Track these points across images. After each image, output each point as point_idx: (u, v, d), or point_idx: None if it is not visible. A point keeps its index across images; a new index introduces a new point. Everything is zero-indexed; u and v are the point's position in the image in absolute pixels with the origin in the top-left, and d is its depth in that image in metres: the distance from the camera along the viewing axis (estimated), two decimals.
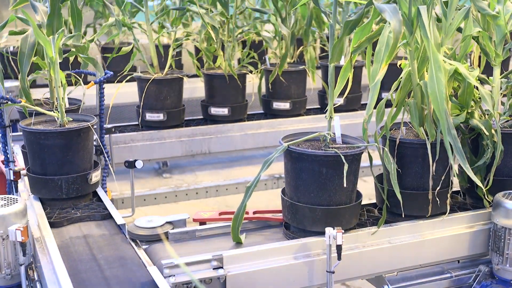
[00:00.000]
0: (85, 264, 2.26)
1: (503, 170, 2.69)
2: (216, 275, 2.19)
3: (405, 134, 2.58)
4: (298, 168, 2.37)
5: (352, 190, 2.41)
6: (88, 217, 2.66)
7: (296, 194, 2.40)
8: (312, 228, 2.38)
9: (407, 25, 2.35)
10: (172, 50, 4.10)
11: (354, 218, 2.44)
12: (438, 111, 2.24)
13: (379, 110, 2.46)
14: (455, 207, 2.71)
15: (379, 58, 2.24)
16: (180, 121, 4.06)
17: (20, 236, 2.16)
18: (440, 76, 2.23)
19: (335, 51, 2.38)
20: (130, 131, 3.96)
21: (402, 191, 2.43)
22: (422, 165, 2.46)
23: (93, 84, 3.20)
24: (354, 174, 2.39)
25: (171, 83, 3.95)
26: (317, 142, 2.52)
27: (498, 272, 2.54)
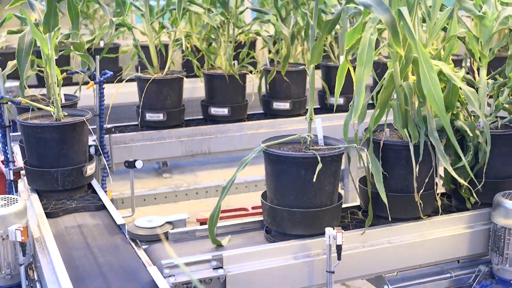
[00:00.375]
0: (79, 251, 2.34)
1: (489, 172, 2.62)
2: (216, 275, 2.19)
3: (389, 136, 2.55)
4: (277, 171, 2.33)
5: (333, 192, 2.37)
6: (83, 208, 2.74)
7: (276, 197, 2.36)
8: (291, 231, 2.35)
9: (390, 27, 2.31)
10: (172, 50, 4.10)
11: (335, 221, 2.40)
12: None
13: (362, 111, 2.40)
14: (440, 209, 2.64)
15: (362, 60, 2.20)
16: (180, 121, 4.06)
17: (20, 236, 2.16)
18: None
19: (315, 52, 2.34)
20: (130, 131, 3.96)
21: (387, 193, 2.38)
22: (405, 167, 2.43)
23: (93, 84, 3.20)
24: (334, 175, 2.35)
25: (171, 83, 3.95)
26: (298, 144, 2.49)
27: (498, 272, 2.54)
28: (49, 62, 2.83)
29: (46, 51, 2.79)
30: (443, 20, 2.49)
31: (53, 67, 2.84)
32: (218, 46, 4.17)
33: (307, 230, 2.35)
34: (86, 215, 2.69)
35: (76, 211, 2.72)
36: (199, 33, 4.25)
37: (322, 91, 4.51)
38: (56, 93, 2.84)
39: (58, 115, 2.84)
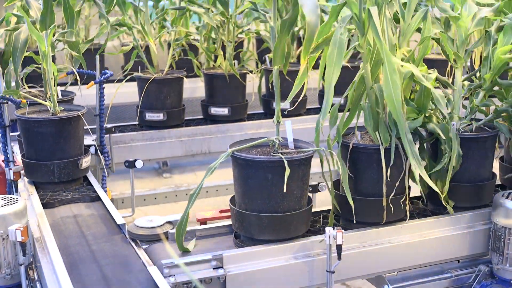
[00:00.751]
0: (74, 239, 2.44)
1: (464, 175, 2.59)
2: (216, 275, 2.19)
3: (362, 139, 2.50)
4: (244, 175, 2.28)
5: (301, 196, 2.31)
6: (78, 199, 2.84)
7: (244, 201, 2.31)
8: (259, 236, 2.30)
9: (359, 26, 2.28)
10: (172, 49, 4.10)
11: (303, 225, 2.35)
12: (396, 115, 2.18)
13: (333, 114, 2.38)
14: (415, 214, 2.62)
15: (331, 60, 2.16)
16: (180, 121, 4.06)
17: (20, 236, 2.16)
18: (395, 79, 2.17)
19: (277, 53, 2.27)
20: (130, 131, 3.96)
21: (357, 197, 2.37)
22: (377, 170, 2.36)
23: (93, 84, 3.21)
24: (303, 179, 2.29)
25: (171, 83, 3.95)
26: (268, 148, 2.43)
27: (498, 272, 2.54)
28: (46, 59, 2.91)
29: (43, 48, 2.86)
30: (417, 21, 2.44)
31: (50, 63, 2.92)
32: (218, 46, 4.16)
33: (275, 235, 2.30)
34: (81, 205, 2.79)
35: (71, 202, 2.82)
36: (199, 32, 4.26)
37: (322, 90, 4.51)
38: (52, 89, 2.92)
39: (54, 109, 2.93)
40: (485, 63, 2.67)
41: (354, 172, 2.41)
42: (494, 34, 2.68)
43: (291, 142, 2.42)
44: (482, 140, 2.59)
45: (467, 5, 2.65)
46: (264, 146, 2.45)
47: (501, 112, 2.64)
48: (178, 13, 4.19)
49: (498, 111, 2.65)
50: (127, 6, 4.75)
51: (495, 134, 2.64)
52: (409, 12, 2.43)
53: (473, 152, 2.58)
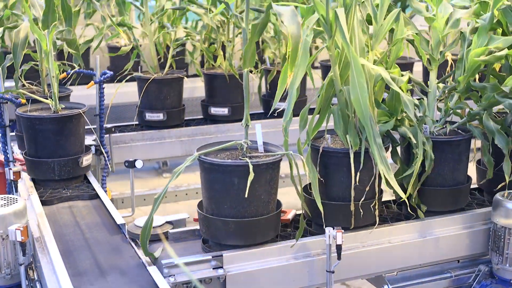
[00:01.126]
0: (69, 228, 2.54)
1: (436, 179, 2.54)
2: (216, 275, 2.19)
3: (333, 142, 2.46)
4: (211, 179, 2.23)
5: (269, 201, 2.26)
6: (77, 196, 2.87)
7: (210, 206, 2.26)
8: (226, 241, 2.25)
9: (326, 28, 2.23)
10: (172, 49, 4.10)
11: (272, 230, 2.30)
12: (363, 118, 2.15)
13: (302, 116, 2.34)
14: (388, 218, 2.58)
15: (296, 62, 2.10)
16: (180, 121, 4.06)
17: (20, 236, 2.16)
18: (362, 82, 2.12)
19: (247, 56, 2.22)
20: (130, 131, 3.96)
21: (327, 202, 2.33)
22: (347, 174, 2.31)
23: (93, 84, 3.21)
24: (271, 183, 2.24)
25: (171, 83, 3.95)
26: (236, 151, 2.39)
27: (498, 272, 2.54)
28: (47, 57, 2.92)
29: (44, 47, 2.87)
30: (390, 23, 2.40)
31: (51, 62, 2.93)
32: (218, 46, 4.16)
33: (241, 240, 2.25)
34: (79, 203, 2.83)
35: (70, 199, 2.85)
36: (199, 33, 4.25)
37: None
38: (54, 87, 2.94)
39: (56, 107, 2.95)
40: (460, 65, 2.62)
41: (324, 176, 2.36)
42: (469, 35, 2.63)
43: (261, 145, 2.37)
44: (455, 144, 2.53)
45: (442, 6, 2.60)
46: (234, 150, 2.40)
47: (475, 115, 2.57)
48: (178, 13, 4.19)
49: (472, 114, 2.58)
50: (127, 6, 4.76)
51: (469, 137, 2.58)
52: (382, 13, 2.38)
53: (446, 155, 2.52)
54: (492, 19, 2.55)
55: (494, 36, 2.56)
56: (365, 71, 2.24)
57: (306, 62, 2.09)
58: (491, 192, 2.72)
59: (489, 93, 2.51)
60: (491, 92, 2.51)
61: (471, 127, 2.57)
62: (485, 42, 2.53)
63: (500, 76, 2.72)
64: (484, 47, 2.52)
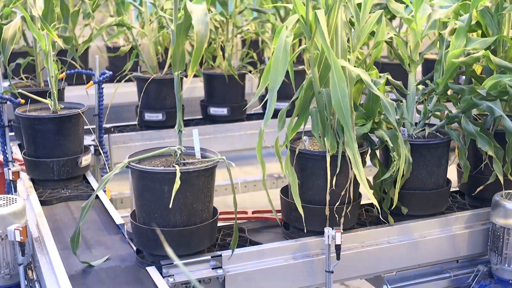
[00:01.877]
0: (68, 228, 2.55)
1: (414, 183, 2.50)
2: (215, 275, 2.19)
3: (311, 144, 2.42)
4: (141, 187, 2.14)
5: (203, 209, 2.18)
6: (76, 196, 2.87)
7: (142, 215, 2.18)
8: (158, 252, 2.17)
9: (305, 30, 2.20)
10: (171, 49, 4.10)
11: (207, 240, 2.22)
12: (344, 122, 2.11)
13: (280, 119, 2.28)
14: (367, 222, 2.55)
15: (276, 64, 2.07)
16: None
17: (19, 236, 2.16)
18: (343, 86, 2.09)
19: (176, 58, 2.14)
20: (129, 131, 3.96)
21: (304, 205, 2.28)
22: (324, 178, 2.26)
23: (92, 84, 3.21)
24: (204, 191, 2.17)
25: (171, 83, 3.95)
26: (171, 157, 2.32)
27: (496, 272, 2.54)
28: (46, 58, 2.93)
29: (43, 47, 2.88)
30: (371, 24, 2.37)
31: (50, 62, 2.94)
32: (217, 46, 4.16)
33: (174, 250, 2.14)
34: (78, 203, 2.82)
35: (69, 199, 2.85)
36: None
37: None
38: (53, 87, 2.94)
39: (55, 107, 2.96)
40: (438, 67, 2.58)
41: (301, 179, 2.32)
42: (448, 37, 2.60)
43: (198, 152, 2.29)
44: (433, 147, 2.49)
45: (421, 7, 2.56)
46: (169, 156, 2.32)
47: (453, 117, 2.53)
48: None
49: (450, 117, 2.54)
50: (127, 6, 4.76)
51: (447, 140, 2.53)
52: (364, 15, 2.35)
53: (425, 158, 2.48)
54: (470, 21, 2.51)
55: (472, 38, 2.53)
56: (346, 73, 2.22)
57: (286, 63, 2.07)
58: (472, 195, 2.70)
59: (467, 96, 2.47)
60: (469, 94, 2.47)
61: (449, 129, 2.52)
62: (463, 44, 2.49)
63: (480, 78, 2.69)
64: (462, 48, 2.48)
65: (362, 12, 2.36)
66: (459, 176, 2.79)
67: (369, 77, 2.24)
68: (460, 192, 2.88)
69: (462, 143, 2.51)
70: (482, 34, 2.72)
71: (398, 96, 2.70)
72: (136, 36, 4.51)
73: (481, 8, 2.63)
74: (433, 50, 2.68)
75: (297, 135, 2.47)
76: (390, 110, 2.30)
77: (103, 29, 3.88)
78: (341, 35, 2.25)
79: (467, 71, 2.68)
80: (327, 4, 2.21)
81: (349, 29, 2.41)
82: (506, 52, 2.66)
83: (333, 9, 2.20)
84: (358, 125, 2.41)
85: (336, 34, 2.24)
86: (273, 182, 4.39)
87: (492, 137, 2.50)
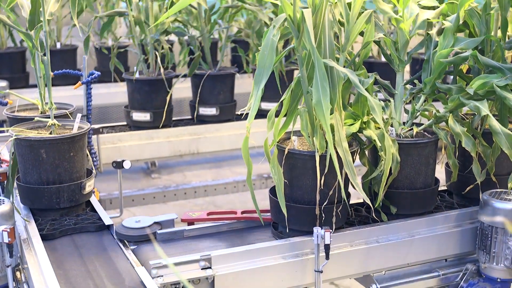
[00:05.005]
0: None
1: (403, 182, 2.50)
2: (204, 275, 2.19)
3: (301, 144, 2.42)
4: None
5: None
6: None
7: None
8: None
9: (293, 29, 2.19)
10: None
11: None
12: (324, 122, 2.10)
13: (269, 119, 2.27)
14: (355, 221, 2.54)
15: (263, 63, 2.08)
16: (168, 121, 4.05)
17: (6, 237, 2.15)
18: (325, 86, 2.08)
19: None
20: (118, 131, 3.94)
21: (293, 204, 2.31)
22: (313, 177, 2.27)
23: (80, 84, 3.20)
24: (67, 156, 2.27)
25: (160, 83, 3.95)
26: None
27: (485, 271, 2.56)
28: (33, 58, 2.94)
29: (30, 47, 2.88)
30: (361, 24, 2.37)
31: (38, 62, 2.92)
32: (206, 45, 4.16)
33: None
34: None
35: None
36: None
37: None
38: (40, 88, 2.94)
39: (43, 108, 2.97)
40: (426, 67, 2.59)
41: (290, 178, 2.33)
42: (435, 37, 2.61)
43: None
44: (421, 146, 2.48)
45: (409, 7, 2.57)
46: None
47: (441, 117, 2.53)
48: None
49: (438, 116, 2.54)
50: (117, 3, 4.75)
51: (435, 139, 2.52)
52: (353, 14, 2.35)
53: (413, 158, 2.48)
54: (458, 20, 2.52)
55: (460, 37, 2.54)
56: (334, 73, 2.22)
57: (272, 62, 2.07)
58: (460, 195, 2.71)
59: (454, 95, 2.48)
60: (457, 94, 2.47)
61: (437, 129, 2.52)
62: (451, 44, 2.50)
63: (468, 77, 2.70)
64: (450, 48, 2.49)
65: (351, 12, 2.36)
66: (447, 175, 2.80)
67: (357, 77, 2.24)
68: (448, 191, 2.89)
69: (450, 142, 2.52)
70: (470, 34, 2.72)
71: (386, 95, 2.71)
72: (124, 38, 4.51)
73: (468, 8, 2.62)
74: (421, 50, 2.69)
75: (286, 135, 2.47)
76: (376, 110, 2.30)
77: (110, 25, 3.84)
78: (328, 34, 2.25)
79: (455, 71, 2.69)
80: (314, 4, 2.21)
81: (338, 29, 2.41)
82: (494, 51, 2.67)
83: (320, 9, 2.20)
84: (347, 124, 2.42)
85: (324, 34, 2.24)
86: (263, 182, 4.40)
87: (480, 136, 2.51)
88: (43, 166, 2.54)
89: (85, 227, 2.53)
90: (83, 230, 2.52)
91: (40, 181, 2.56)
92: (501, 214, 2.46)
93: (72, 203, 2.60)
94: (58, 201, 2.57)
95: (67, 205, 2.59)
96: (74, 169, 2.60)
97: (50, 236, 2.45)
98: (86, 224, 2.55)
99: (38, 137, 2.56)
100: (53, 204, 2.57)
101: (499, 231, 2.48)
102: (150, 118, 3.93)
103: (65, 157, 2.56)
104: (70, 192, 2.58)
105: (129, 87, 3.97)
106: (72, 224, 2.54)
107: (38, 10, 2.82)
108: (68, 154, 2.56)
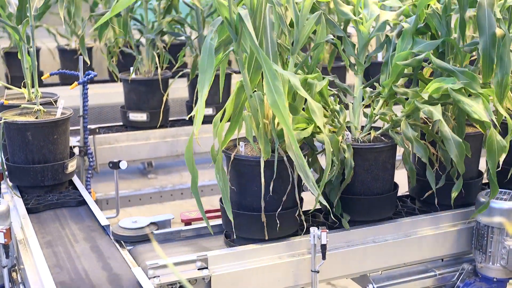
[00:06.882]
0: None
1: (359, 188, 2.43)
2: (201, 276, 2.19)
3: (250, 150, 2.34)
4: None
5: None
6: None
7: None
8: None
9: (231, 31, 2.11)
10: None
11: None
12: (283, 122, 2.02)
13: (215, 125, 2.24)
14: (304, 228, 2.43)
15: (203, 67, 2.02)
16: (165, 122, 4.05)
17: (2, 238, 2.14)
18: (277, 85, 2.00)
19: None
20: (114, 131, 3.94)
21: (242, 212, 2.27)
22: (260, 183, 2.19)
23: (76, 84, 3.20)
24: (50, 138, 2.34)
25: (156, 84, 3.95)
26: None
27: (481, 270, 2.56)
28: (20, 50, 3.03)
29: (17, 40, 3.01)
30: (311, 26, 2.31)
31: (25, 54, 3.03)
32: None
33: None
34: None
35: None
36: None
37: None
38: (27, 77, 3.05)
39: (29, 96, 3.10)
40: (384, 69, 2.53)
41: (238, 185, 2.29)
42: (395, 39, 2.56)
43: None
44: (378, 151, 2.42)
45: (369, 8, 2.53)
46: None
47: (397, 121, 2.47)
48: None
49: (394, 121, 2.48)
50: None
51: (392, 144, 2.45)
52: (303, 16, 2.28)
53: (369, 163, 2.41)
54: (417, 22, 2.47)
55: (419, 40, 2.48)
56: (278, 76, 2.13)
57: (212, 67, 2.02)
58: (422, 200, 2.65)
59: (410, 99, 2.42)
60: (412, 98, 2.41)
61: (393, 133, 2.46)
62: (409, 46, 2.45)
63: (429, 81, 2.57)
64: (408, 51, 2.44)
65: (300, 13, 2.28)
66: (409, 180, 2.71)
67: (298, 79, 2.12)
68: (411, 196, 2.81)
69: (406, 147, 2.45)
70: (432, 36, 2.63)
71: (344, 99, 2.62)
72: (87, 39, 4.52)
73: (429, 10, 2.54)
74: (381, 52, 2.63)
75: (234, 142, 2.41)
76: (317, 113, 2.18)
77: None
78: (270, 36, 2.18)
79: (414, 74, 2.62)
80: (252, 4, 2.12)
81: (288, 31, 2.34)
82: (456, 54, 2.59)
83: (259, 10, 2.12)
84: (299, 129, 2.32)
85: (265, 35, 2.17)
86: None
87: (439, 141, 2.46)
88: (29, 147, 2.79)
89: (66, 202, 2.78)
90: (64, 205, 2.77)
91: (27, 161, 2.81)
92: (497, 214, 2.47)
93: (56, 181, 2.85)
94: (42, 179, 2.81)
95: (51, 183, 2.84)
96: (58, 151, 2.85)
97: (34, 210, 2.70)
98: (67, 199, 2.79)
99: (25, 120, 2.83)
100: (38, 182, 2.81)
101: (495, 231, 2.48)
102: (146, 118, 3.93)
103: (49, 139, 2.81)
104: (53, 171, 2.82)
105: (125, 87, 3.97)
106: (55, 199, 2.78)
107: (25, 7, 2.95)
108: (52, 137, 2.81)
